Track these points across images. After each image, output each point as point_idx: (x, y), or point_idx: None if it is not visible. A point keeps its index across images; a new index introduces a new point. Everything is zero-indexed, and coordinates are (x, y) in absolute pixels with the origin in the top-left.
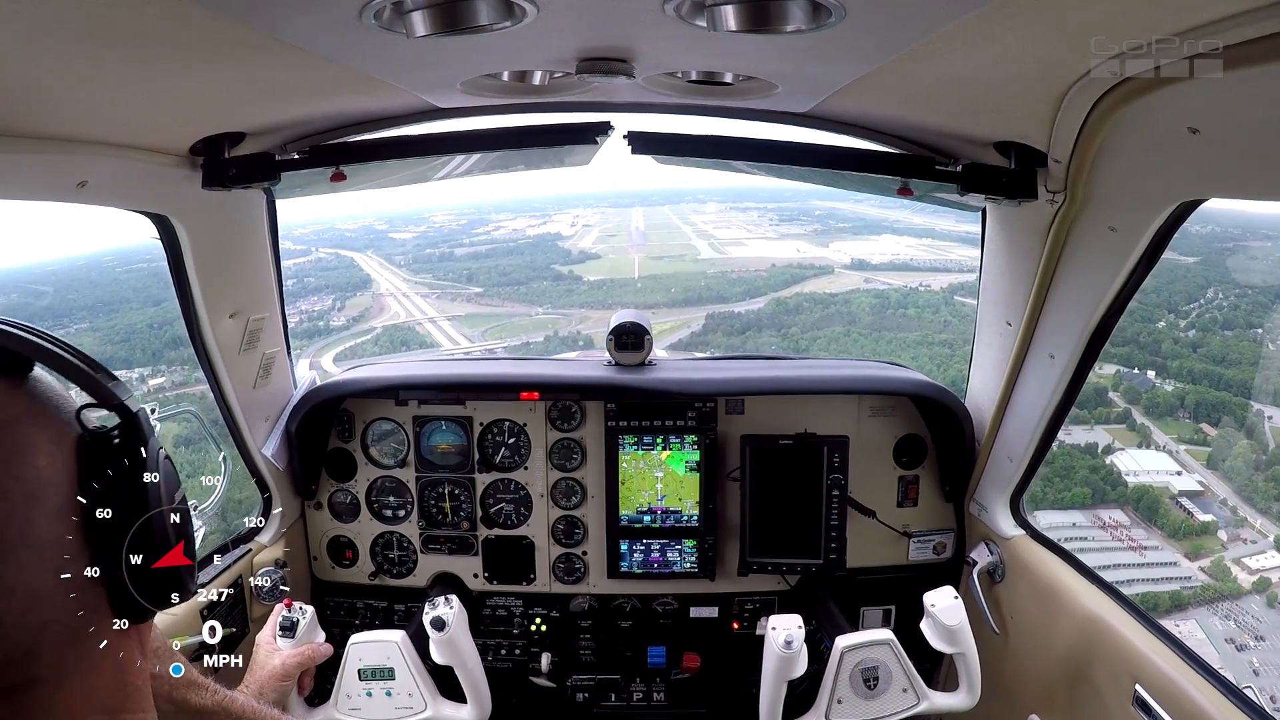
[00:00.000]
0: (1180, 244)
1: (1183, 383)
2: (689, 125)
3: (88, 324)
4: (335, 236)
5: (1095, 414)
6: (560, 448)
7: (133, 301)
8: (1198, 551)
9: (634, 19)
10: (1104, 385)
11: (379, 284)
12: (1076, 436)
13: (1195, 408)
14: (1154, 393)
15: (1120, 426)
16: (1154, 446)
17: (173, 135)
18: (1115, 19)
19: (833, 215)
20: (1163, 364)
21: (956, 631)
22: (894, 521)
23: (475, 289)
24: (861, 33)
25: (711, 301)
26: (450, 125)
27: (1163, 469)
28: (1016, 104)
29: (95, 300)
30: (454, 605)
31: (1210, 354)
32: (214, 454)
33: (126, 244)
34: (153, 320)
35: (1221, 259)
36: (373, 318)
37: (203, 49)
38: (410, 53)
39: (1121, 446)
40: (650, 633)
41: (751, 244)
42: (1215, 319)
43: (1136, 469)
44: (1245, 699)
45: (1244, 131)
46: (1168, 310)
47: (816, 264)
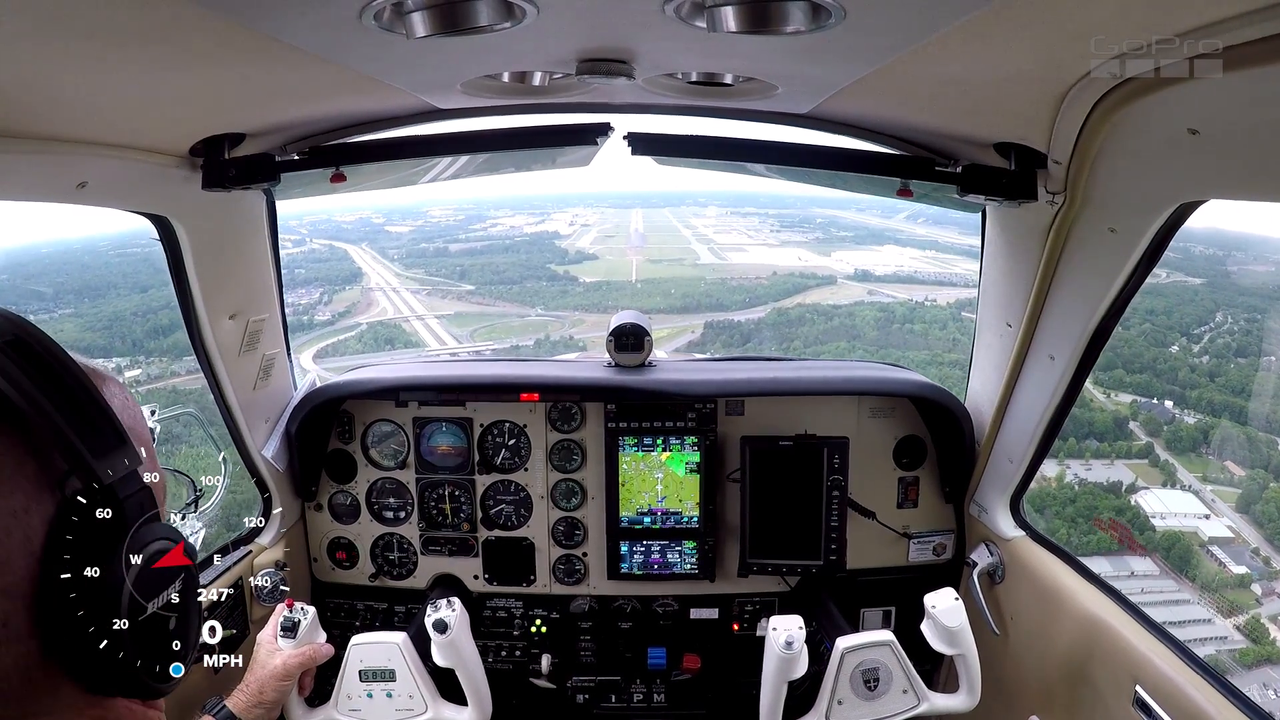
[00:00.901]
0: (1185, 265)
1: (1203, 414)
2: (689, 126)
3: (72, 309)
4: (331, 228)
5: (1116, 447)
6: (560, 449)
7: (121, 287)
8: (1233, 608)
9: (634, 20)
10: (1123, 415)
11: (369, 278)
12: (1097, 473)
13: (1220, 444)
14: (1176, 425)
15: (1142, 462)
16: (1179, 485)
17: (173, 136)
18: (1115, 20)
19: (835, 223)
20: (1181, 393)
21: (957, 633)
22: (894, 523)
23: (467, 286)
24: (861, 34)
25: (710, 309)
26: (450, 126)
27: (1190, 511)
28: (1016, 105)
29: (83, 285)
30: (456, 608)
31: (1229, 384)
32: (214, 454)
33: (123, 229)
34: (138, 308)
35: (1227, 280)
36: (359, 313)
37: (203, 50)
38: (410, 53)
39: (1146, 485)
40: (650, 634)
41: (752, 250)
42: (1228, 344)
43: (1164, 511)
44: (1245, 700)
45: (1244, 133)
46: (1180, 334)
47: (819, 273)
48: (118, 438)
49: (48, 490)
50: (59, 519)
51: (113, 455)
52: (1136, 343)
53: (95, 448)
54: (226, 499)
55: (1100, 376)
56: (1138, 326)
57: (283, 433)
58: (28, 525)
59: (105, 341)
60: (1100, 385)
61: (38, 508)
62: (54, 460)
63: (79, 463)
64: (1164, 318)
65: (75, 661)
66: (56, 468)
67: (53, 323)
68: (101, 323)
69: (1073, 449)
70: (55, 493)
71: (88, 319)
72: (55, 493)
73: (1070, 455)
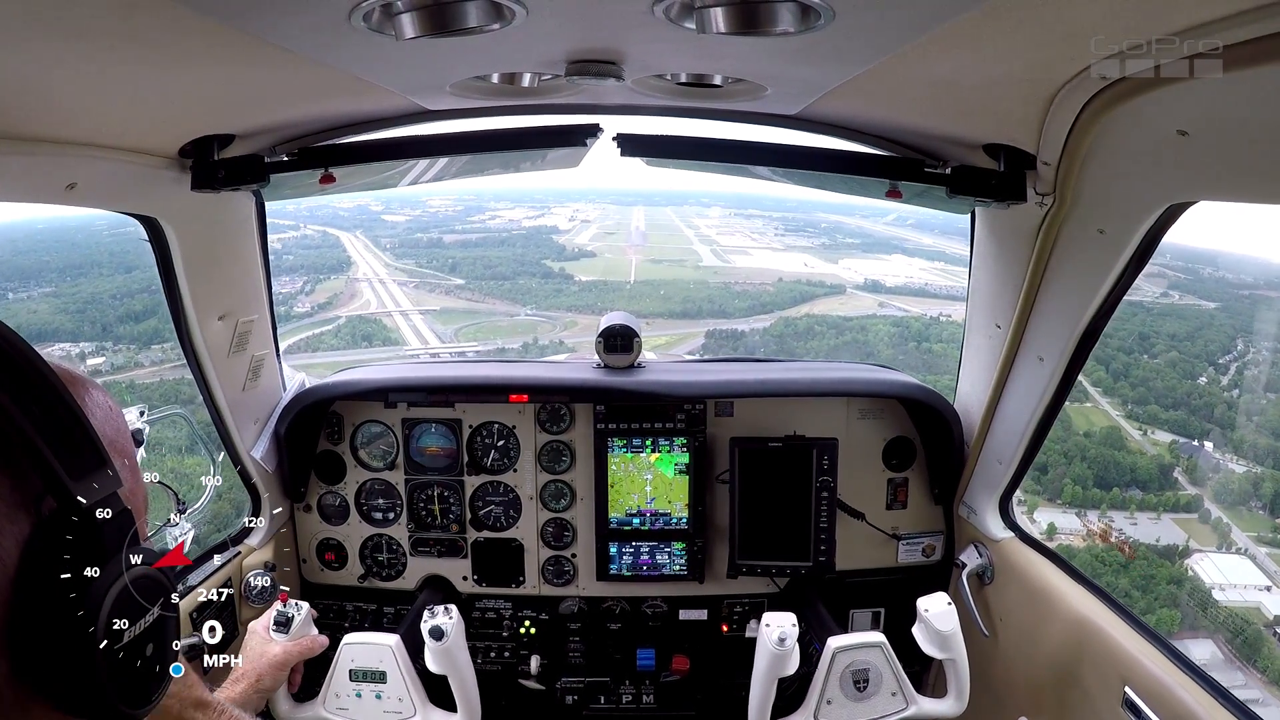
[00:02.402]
0: (1197, 287)
1: (1247, 460)
2: (678, 127)
3: (53, 288)
4: (328, 214)
5: (1163, 498)
6: (549, 450)
7: (104, 267)
8: None
9: (623, 21)
10: (1166, 461)
11: (358, 267)
12: (1144, 528)
13: (1273, 500)
14: (1223, 476)
15: (1191, 516)
16: (1232, 546)
17: (162, 137)
18: (1107, 20)
19: (839, 229)
20: (1220, 434)
21: (949, 638)
22: (883, 524)
23: (457, 281)
24: (850, 35)
25: (712, 315)
26: (440, 127)
27: (1249, 582)
28: (1005, 106)
29: (68, 263)
30: (453, 616)
31: (1268, 424)
32: (196, 457)
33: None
34: (119, 289)
35: (1242, 305)
36: (340, 305)
37: (192, 51)
38: (399, 55)
39: (1199, 547)
40: (639, 635)
41: (756, 254)
42: (1257, 378)
43: (1222, 582)
44: (1234, 700)
45: (1233, 134)
46: (1206, 363)
47: (827, 281)
48: (97, 458)
49: (22, 509)
50: (33, 539)
51: (91, 476)
52: (1167, 374)
53: (73, 468)
54: (215, 504)
55: (1135, 411)
56: (1164, 355)
57: (272, 434)
58: (0, 546)
59: (75, 325)
60: (1134, 420)
61: (11, 527)
62: (29, 479)
63: (55, 484)
64: (1188, 344)
65: (47, 682)
66: (32, 487)
67: (29, 302)
68: (76, 305)
69: (1116, 499)
70: (30, 513)
71: (65, 299)
72: (30, 513)
73: (1114, 506)
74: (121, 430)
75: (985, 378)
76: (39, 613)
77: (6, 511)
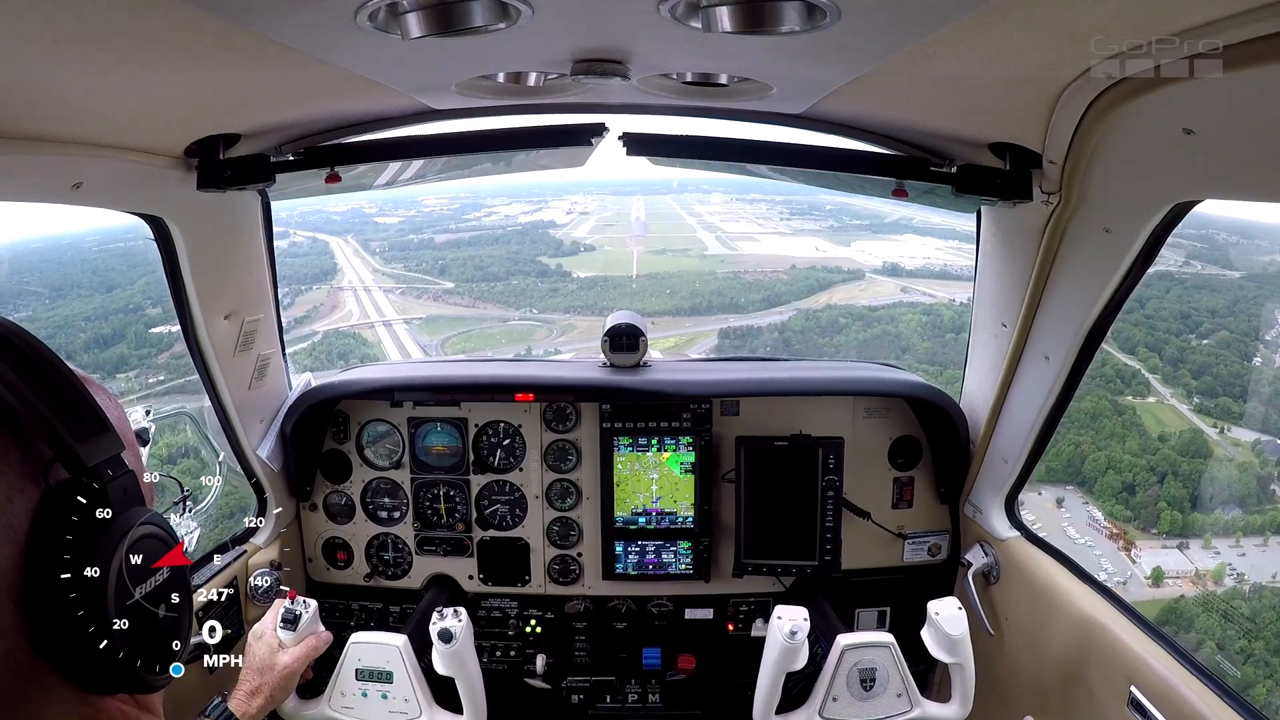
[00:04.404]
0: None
1: None
2: (684, 126)
3: (29, 313)
4: (320, 219)
5: (1267, 517)
6: (555, 449)
7: (84, 287)
8: None
9: (629, 20)
10: (1258, 468)
11: (344, 275)
12: (1254, 558)
13: None
14: None
15: None
16: None
17: (168, 137)
18: (1112, 20)
19: (845, 210)
20: None
21: (958, 642)
22: (889, 523)
23: (446, 284)
24: (856, 34)
25: (724, 310)
26: (445, 127)
27: None
28: (1011, 105)
29: (50, 284)
30: (462, 618)
31: None
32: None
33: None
34: (96, 311)
35: (1267, 274)
36: (320, 318)
37: (198, 50)
38: (405, 54)
39: None
40: (645, 634)
41: (763, 240)
42: None
43: None
44: (1241, 700)
45: (1239, 133)
46: (1258, 340)
47: (843, 267)
48: (100, 424)
49: (31, 479)
50: (43, 507)
51: (95, 439)
52: (1228, 358)
53: (76, 431)
54: (220, 502)
55: (1205, 405)
56: (1215, 335)
57: (278, 432)
58: (10, 514)
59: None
60: (1208, 415)
61: (21, 497)
62: (37, 449)
63: (61, 447)
64: (1231, 320)
65: (64, 656)
66: (39, 457)
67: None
68: (48, 330)
69: (1218, 522)
70: (39, 482)
71: (40, 323)
72: (39, 482)
73: (1219, 533)
74: (124, 425)
75: (991, 376)
76: (53, 582)
77: (15, 481)
